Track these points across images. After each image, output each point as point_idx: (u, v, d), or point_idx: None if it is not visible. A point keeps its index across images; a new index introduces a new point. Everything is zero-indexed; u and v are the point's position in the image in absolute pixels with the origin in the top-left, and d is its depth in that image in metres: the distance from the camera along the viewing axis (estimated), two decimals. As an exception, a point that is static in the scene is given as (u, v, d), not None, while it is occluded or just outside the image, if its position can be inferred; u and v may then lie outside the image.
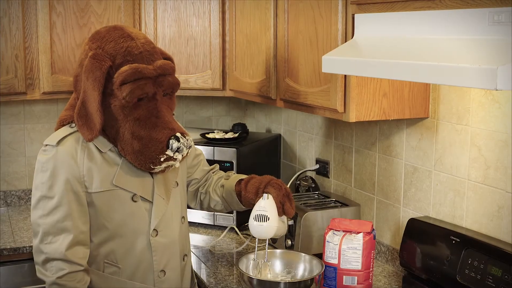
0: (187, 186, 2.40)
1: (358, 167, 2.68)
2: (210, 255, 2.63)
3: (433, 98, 2.24)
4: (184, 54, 3.00)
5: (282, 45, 2.46)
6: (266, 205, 2.15)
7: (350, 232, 2.23)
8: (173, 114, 2.19)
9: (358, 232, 2.22)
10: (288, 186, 2.92)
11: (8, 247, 2.71)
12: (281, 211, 2.20)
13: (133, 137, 2.02)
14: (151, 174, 2.13)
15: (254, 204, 2.26)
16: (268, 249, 2.25)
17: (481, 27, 1.58)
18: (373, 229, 2.24)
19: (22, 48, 2.90)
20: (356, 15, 2.02)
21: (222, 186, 2.37)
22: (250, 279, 2.14)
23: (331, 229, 2.27)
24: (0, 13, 2.85)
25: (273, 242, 2.61)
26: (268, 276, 2.21)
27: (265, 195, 2.17)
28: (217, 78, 2.96)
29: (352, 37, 2.05)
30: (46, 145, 2.06)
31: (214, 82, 2.97)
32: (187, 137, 2.06)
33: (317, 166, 2.95)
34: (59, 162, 2.01)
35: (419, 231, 2.17)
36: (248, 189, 2.27)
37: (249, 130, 3.34)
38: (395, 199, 2.47)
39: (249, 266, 2.24)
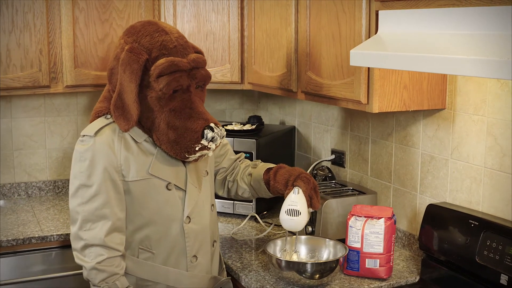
0: (215, 175, 2.56)
1: (375, 157, 2.85)
2: (233, 242, 2.78)
3: (450, 90, 2.40)
4: (203, 49, 3.14)
5: (304, 40, 2.62)
6: (297, 199, 2.31)
7: (372, 217, 2.39)
8: None
9: (380, 218, 2.38)
10: (306, 175, 3.08)
11: (36, 235, 2.85)
12: (309, 204, 2.36)
13: (169, 127, 2.17)
14: (184, 163, 2.28)
15: (281, 193, 2.42)
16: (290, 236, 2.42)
17: (503, 23, 1.74)
18: (393, 215, 2.40)
19: (46, 42, 3.04)
20: (380, 12, 2.17)
21: (250, 174, 2.53)
22: (279, 261, 2.30)
23: (353, 215, 2.43)
24: (24, 9, 2.99)
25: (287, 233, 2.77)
26: (294, 259, 2.38)
27: (295, 189, 2.32)
28: (236, 71, 3.12)
29: (375, 33, 2.21)
30: (84, 135, 2.19)
31: (232, 75, 3.12)
32: (220, 127, 2.21)
33: (333, 156, 3.12)
34: (97, 151, 2.15)
35: (438, 216, 2.34)
36: (277, 179, 2.42)
37: (264, 123, 3.49)
38: (411, 187, 2.63)
39: (277, 250, 2.40)
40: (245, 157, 3.02)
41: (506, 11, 1.72)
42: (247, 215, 3.04)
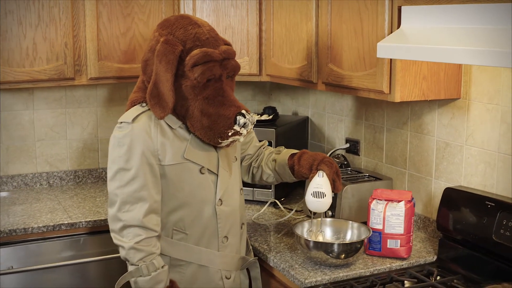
0: (241, 161, 2.74)
1: (390, 145, 3.04)
2: (256, 226, 2.96)
3: (465, 80, 2.60)
4: (221, 42, 3.32)
5: (325, 34, 2.80)
6: (321, 182, 2.49)
7: (392, 200, 2.58)
8: None
9: (400, 201, 2.57)
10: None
11: (66, 222, 3.01)
12: (332, 187, 2.55)
13: (202, 114, 2.34)
14: (216, 149, 2.46)
15: (305, 177, 2.60)
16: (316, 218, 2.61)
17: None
18: (412, 198, 2.60)
19: (71, 36, 3.19)
20: (403, 7, 2.36)
21: (274, 160, 2.71)
22: (307, 241, 2.48)
23: (374, 198, 2.62)
24: (50, 3, 3.14)
25: (312, 214, 2.95)
26: (321, 239, 2.56)
27: (320, 172, 2.50)
28: (254, 64, 3.29)
29: (397, 27, 2.40)
30: (121, 122, 2.36)
31: (251, 67, 3.29)
32: (251, 114, 2.39)
33: (347, 145, 3.30)
34: (135, 137, 2.31)
35: (455, 198, 2.53)
36: (301, 164, 2.60)
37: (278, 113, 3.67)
38: (427, 172, 2.82)
39: (304, 232, 2.59)
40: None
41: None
42: (267, 201, 3.22)
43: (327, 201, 2.48)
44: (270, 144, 3.20)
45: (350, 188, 2.87)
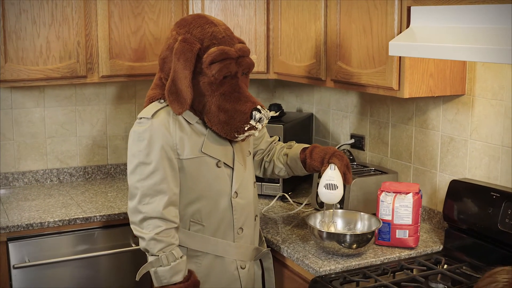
0: (253, 156, 2.86)
1: (395, 140, 3.17)
2: (267, 219, 3.08)
3: (469, 78, 2.74)
4: (229, 41, 3.44)
5: (334, 33, 2.93)
6: (333, 175, 2.62)
7: (400, 193, 2.72)
8: None
9: (408, 193, 2.70)
10: (329, 158, 3.41)
11: (81, 216, 3.12)
12: (343, 179, 2.68)
13: (219, 110, 2.46)
14: (231, 143, 2.58)
15: (317, 170, 2.73)
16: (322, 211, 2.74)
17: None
18: (420, 190, 2.73)
19: (83, 35, 3.30)
20: (412, 8, 2.49)
21: (286, 154, 2.83)
22: (320, 232, 2.61)
23: (383, 191, 2.75)
24: (63, 3, 3.24)
25: (320, 207, 3.08)
26: (333, 230, 2.69)
27: (332, 165, 2.63)
28: (262, 62, 3.41)
29: (406, 27, 2.53)
30: (141, 118, 2.48)
31: (259, 65, 3.41)
32: (266, 109, 2.51)
33: (352, 140, 3.44)
34: (155, 132, 2.43)
35: (461, 190, 2.67)
36: (313, 157, 2.73)
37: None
38: (431, 166, 2.96)
39: (317, 223, 2.72)
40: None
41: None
42: (275, 195, 3.35)
43: (339, 193, 2.61)
44: (278, 140, 3.32)
45: (358, 181, 3.00)
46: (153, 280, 2.45)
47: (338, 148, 3.49)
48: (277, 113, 3.53)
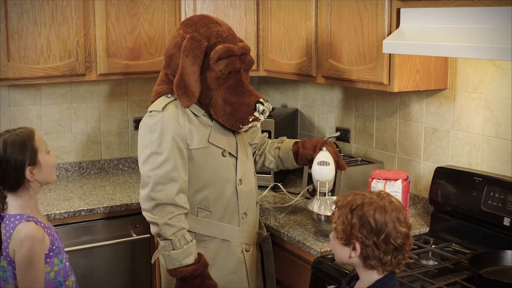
0: None
1: (380, 132, 3.46)
2: (263, 208, 3.32)
3: (451, 73, 3.03)
4: (220, 40, 3.67)
5: (324, 32, 3.19)
6: (326, 155, 2.91)
7: (390, 179, 3.00)
8: None
9: (397, 179, 2.98)
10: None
11: (85, 208, 3.31)
12: (336, 166, 2.95)
13: (225, 103, 2.71)
14: (234, 135, 2.82)
15: (309, 159, 3.00)
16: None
17: (507, 19, 2.37)
18: (408, 177, 3.02)
19: (82, 34, 3.49)
20: (402, 9, 2.77)
21: (278, 148, 3.10)
22: (319, 215, 2.87)
23: (373, 178, 3.03)
24: (63, 4, 3.42)
25: (311, 195, 3.34)
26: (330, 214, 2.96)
27: (324, 148, 2.92)
28: (252, 60, 3.66)
29: (396, 27, 2.81)
30: (151, 111, 2.70)
31: (249, 63, 3.66)
32: (268, 103, 2.77)
33: (338, 133, 3.71)
34: (165, 124, 2.66)
35: (446, 176, 2.96)
36: (306, 147, 3.00)
37: (268, 106, 4.06)
38: (415, 155, 3.26)
39: (315, 208, 2.98)
40: (263, 134, 3.61)
41: (507, 11, 2.35)
42: (267, 186, 3.60)
43: (331, 169, 2.90)
44: (269, 133, 3.58)
45: (347, 171, 3.26)
46: (166, 263, 2.66)
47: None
48: (267, 108, 3.78)
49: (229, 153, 2.80)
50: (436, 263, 2.66)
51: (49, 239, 2.34)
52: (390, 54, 2.86)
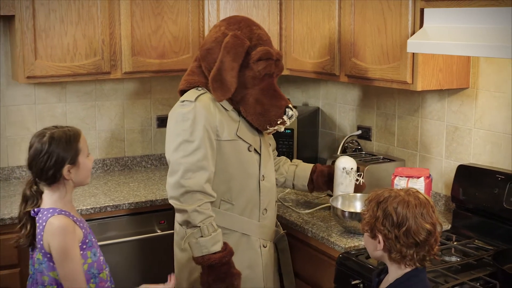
0: None
1: (401, 130, 3.52)
2: (283, 207, 3.38)
3: (473, 72, 3.09)
4: (243, 39, 3.75)
5: (348, 32, 3.26)
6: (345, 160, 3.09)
7: (413, 177, 3.06)
8: None
9: (419, 177, 3.05)
10: (339, 148, 3.77)
11: (111, 204, 3.39)
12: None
13: (257, 102, 2.80)
14: (259, 134, 2.90)
15: (320, 187, 3.25)
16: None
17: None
18: (430, 175, 3.08)
19: (108, 33, 3.58)
20: (425, 9, 2.84)
21: (295, 165, 3.26)
22: (343, 212, 2.94)
23: (396, 175, 3.09)
24: (89, 3, 3.51)
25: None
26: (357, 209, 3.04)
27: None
28: (275, 59, 3.73)
29: (420, 27, 2.88)
30: (184, 101, 2.79)
31: (272, 62, 3.73)
32: (295, 109, 2.86)
33: (359, 131, 3.78)
34: (198, 113, 2.74)
35: (468, 174, 3.02)
36: (324, 174, 3.24)
37: (290, 104, 4.13)
38: (437, 153, 3.32)
39: (339, 205, 3.05)
40: (287, 133, 3.68)
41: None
42: (289, 183, 3.67)
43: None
44: (292, 131, 3.66)
45: (370, 168, 3.34)
46: (192, 251, 2.71)
47: (347, 138, 3.83)
48: (289, 107, 3.86)
49: (254, 149, 2.89)
50: (458, 259, 2.72)
51: (82, 232, 2.42)
52: (413, 53, 2.92)
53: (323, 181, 3.23)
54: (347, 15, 3.26)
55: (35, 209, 2.42)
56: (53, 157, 2.34)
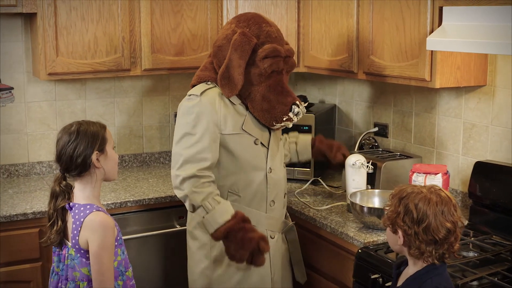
0: None
1: (418, 127, 3.60)
2: (301, 203, 3.47)
3: (490, 70, 3.17)
4: (261, 36, 3.83)
5: (366, 29, 3.34)
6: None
7: (430, 173, 3.14)
8: None
9: (437, 173, 3.13)
10: (356, 145, 3.86)
11: (131, 199, 3.48)
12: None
13: (263, 99, 2.91)
14: (268, 128, 3.01)
15: (323, 155, 3.38)
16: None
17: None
18: (447, 171, 3.16)
19: (128, 31, 3.67)
20: (444, 7, 2.92)
21: (294, 142, 3.37)
22: (362, 207, 3.03)
23: (414, 172, 3.17)
24: (110, 1, 3.60)
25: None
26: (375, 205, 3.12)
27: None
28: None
29: (438, 25, 2.96)
30: (190, 95, 2.91)
31: (290, 59, 3.82)
32: (303, 106, 2.95)
33: (376, 128, 3.86)
34: (202, 107, 2.85)
35: (485, 170, 3.10)
36: (323, 143, 3.38)
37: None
38: (454, 150, 3.40)
39: (357, 200, 3.13)
40: (305, 130, 3.76)
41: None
42: (306, 180, 3.75)
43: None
44: (309, 128, 3.74)
45: (387, 165, 3.42)
46: (207, 229, 2.80)
47: (364, 135, 3.92)
48: (306, 104, 3.93)
49: (261, 143, 3.00)
50: (476, 254, 2.80)
51: (116, 229, 2.52)
52: (432, 51, 3.00)
53: (321, 155, 3.42)
54: (366, 13, 3.34)
55: (70, 204, 2.50)
56: (81, 145, 2.44)
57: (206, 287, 2.98)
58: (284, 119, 2.92)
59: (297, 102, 2.95)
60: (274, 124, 2.95)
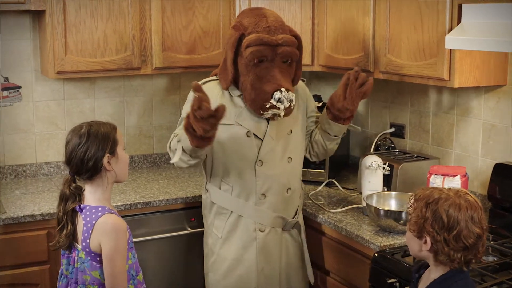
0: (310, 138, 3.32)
1: (436, 128, 3.59)
2: (315, 206, 3.46)
3: (511, 69, 3.15)
4: (274, 34, 3.82)
5: (383, 28, 3.33)
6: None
7: (449, 175, 3.13)
8: (304, 80, 3.22)
9: (455, 175, 3.11)
10: (372, 146, 3.85)
11: (141, 201, 3.48)
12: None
13: (252, 88, 2.98)
14: (267, 120, 3.04)
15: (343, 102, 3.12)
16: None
17: None
18: (466, 173, 3.14)
19: (138, 29, 3.67)
20: (463, 5, 2.90)
21: (317, 126, 3.29)
22: (377, 210, 3.01)
23: (432, 173, 3.16)
24: (120, -2, 3.62)
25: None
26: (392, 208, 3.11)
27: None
28: (307, 55, 3.80)
29: (457, 23, 2.94)
30: None
31: (304, 58, 3.78)
32: (289, 92, 2.94)
33: (393, 129, 3.85)
34: None
35: (505, 172, 3.08)
36: (333, 100, 3.13)
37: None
38: (473, 151, 3.38)
39: (373, 203, 3.12)
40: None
41: None
42: (320, 181, 3.75)
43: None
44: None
45: (404, 166, 3.41)
46: (184, 146, 2.86)
47: (380, 136, 3.90)
48: (320, 104, 3.93)
49: (254, 134, 3.05)
50: (496, 258, 2.79)
51: (128, 232, 2.51)
52: (450, 49, 2.99)
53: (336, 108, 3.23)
54: (382, 11, 3.33)
55: (81, 206, 2.50)
56: (92, 147, 2.44)
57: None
58: (267, 106, 2.95)
59: (282, 89, 2.94)
60: (261, 113, 3.00)
